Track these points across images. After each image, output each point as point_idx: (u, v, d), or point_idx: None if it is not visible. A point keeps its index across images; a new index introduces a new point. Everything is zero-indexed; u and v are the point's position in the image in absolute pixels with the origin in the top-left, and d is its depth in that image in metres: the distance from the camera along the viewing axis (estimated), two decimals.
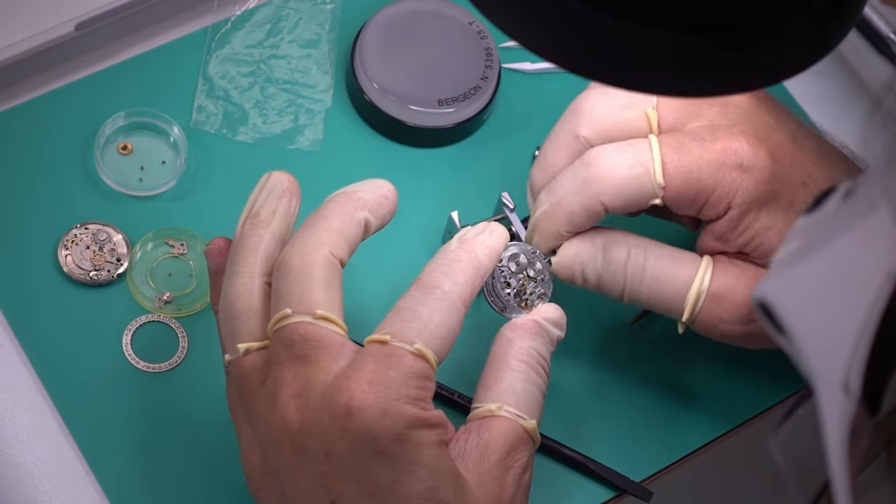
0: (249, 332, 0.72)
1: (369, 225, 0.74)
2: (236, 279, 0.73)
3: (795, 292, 0.49)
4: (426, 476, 0.69)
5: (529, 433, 0.73)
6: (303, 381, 0.70)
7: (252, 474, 0.72)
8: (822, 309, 0.49)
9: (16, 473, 0.80)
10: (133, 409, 0.82)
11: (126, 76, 0.91)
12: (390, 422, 0.68)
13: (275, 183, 0.75)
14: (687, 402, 0.86)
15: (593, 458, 0.83)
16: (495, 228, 0.75)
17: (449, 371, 0.84)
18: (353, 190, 0.75)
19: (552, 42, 0.59)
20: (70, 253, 0.85)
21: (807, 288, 0.49)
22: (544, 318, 0.77)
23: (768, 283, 0.50)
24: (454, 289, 0.72)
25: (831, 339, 0.48)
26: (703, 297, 0.78)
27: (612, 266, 0.79)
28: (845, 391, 0.47)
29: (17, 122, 0.88)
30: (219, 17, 0.93)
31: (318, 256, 0.71)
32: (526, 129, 0.93)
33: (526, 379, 0.74)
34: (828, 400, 0.48)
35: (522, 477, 0.73)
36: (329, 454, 0.68)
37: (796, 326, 0.49)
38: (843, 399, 0.47)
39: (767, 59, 0.58)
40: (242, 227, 0.74)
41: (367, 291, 0.85)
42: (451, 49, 0.91)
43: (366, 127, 0.91)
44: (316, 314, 0.70)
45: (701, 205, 0.78)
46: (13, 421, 0.81)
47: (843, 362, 0.47)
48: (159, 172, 0.88)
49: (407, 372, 0.69)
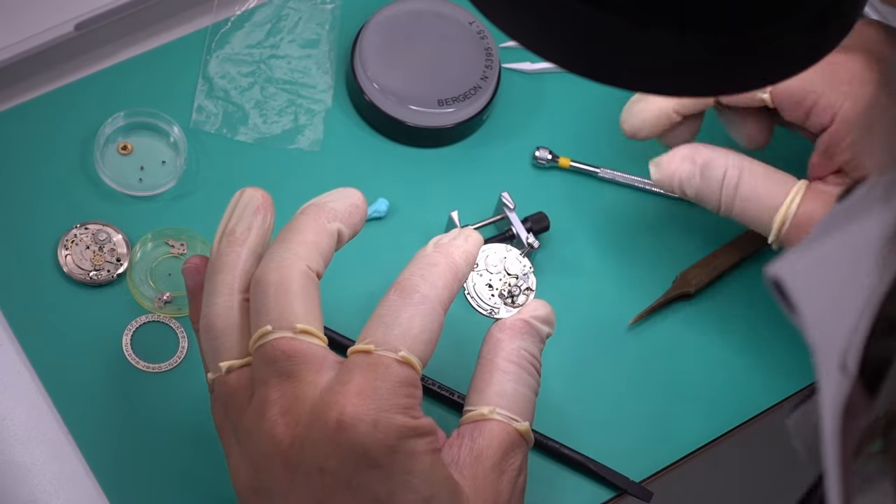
0: (231, 349, 0.72)
1: (342, 235, 0.74)
2: (216, 298, 0.72)
3: (805, 272, 0.50)
4: (421, 485, 0.68)
5: (522, 435, 0.73)
6: (290, 397, 0.69)
7: (243, 492, 0.71)
8: (827, 289, 0.50)
9: (16, 473, 0.80)
10: (133, 409, 0.82)
11: (126, 76, 0.91)
12: (382, 434, 0.67)
13: (248, 199, 0.74)
14: (687, 402, 0.86)
15: (593, 458, 0.83)
16: (470, 234, 0.75)
17: (451, 371, 0.84)
18: (324, 201, 0.74)
19: (552, 42, 0.59)
20: (70, 253, 0.85)
21: (815, 269, 0.50)
22: (533, 315, 0.76)
23: (781, 262, 0.51)
24: (433, 292, 0.71)
25: (833, 319, 0.49)
26: (788, 221, 0.81)
27: (709, 183, 0.82)
28: (842, 369, 0.48)
29: (17, 122, 0.88)
30: (219, 17, 0.93)
31: (294, 271, 0.71)
32: (526, 129, 0.93)
33: (517, 380, 0.74)
34: (826, 377, 0.49)
35: (517, 480, 0.73)
36: (322, 470, 0.68)
37: (803, 305, 0.50)
38: (840, 377, 0.48)
39: (768, 58, 0.58)
40: (219, 245, 0.74)
41: (366, 291, 0.85)
42: (451, 49, 0.91)
43: (366, 127, 0.91)
44: (296, 328, 0.70)
45: (808, 109, 0.81)
46: (13, 421, 0.81)
47: (842, 341, 0.48)
48: (159, 172, 0.88)
49: (394, 381, 0.69)
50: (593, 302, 0.88)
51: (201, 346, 0.74)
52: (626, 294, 0.88)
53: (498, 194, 0.87)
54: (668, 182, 0.84)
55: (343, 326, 0.84)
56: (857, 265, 0.49)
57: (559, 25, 0.58)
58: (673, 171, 0.83)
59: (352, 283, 0.86)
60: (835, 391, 0.48)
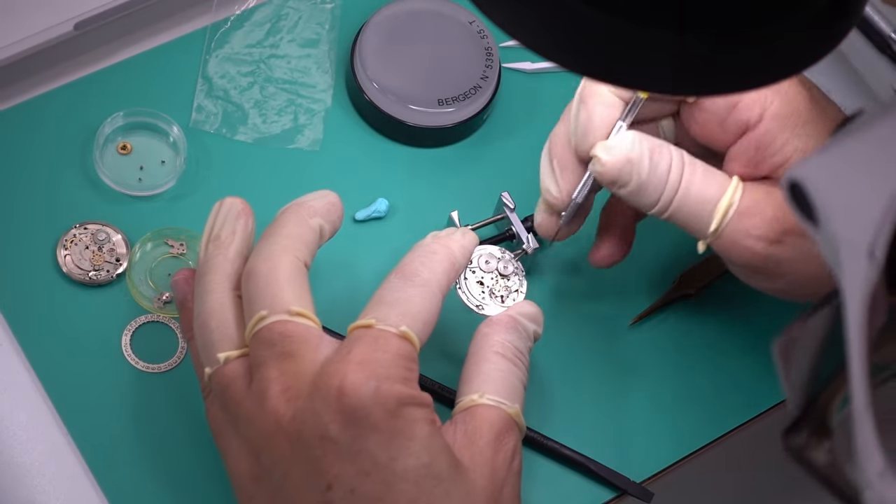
0: (227, 341, 0.74)
1: (323, 230, 0.77)
2: (208, 297, 0.74)
3: (828, 170, 0.50)
4: (421, 451, 0.69)
5: (514, 418, 0.75)
6: (290, 375, 0.71)
7: (242, 483, 0.72)
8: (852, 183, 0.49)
9: (15, 473, 0.80)
10: (132, 410, 0.82)
11: (125, 76, 0.91)
12: (383, 399, 0.69)
13: (229, 206, 0.77)
14: (687, 403, 0.86)
15: (594, 458, 0.83)
16: (466, 231, 0.78)
17: (438, 366, 0.84)
18: (303, 200, 0.77)
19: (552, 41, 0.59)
20: (69, 253, 0.85)
21: (838, 165, 0.50)
22: (519, 312, 0.78)
23: (802, 164, 0.50)
24: (433, 277, 0.74)
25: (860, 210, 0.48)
26: (733, 208, 0.77)
27: (656, 171, 0.77)
28: (870, 257, 0.47)
29: (15, 122, 0.88)
30: (218, 16, 0.93)
31: (282, 261, 0.73)
32: (526, 129, 0.93)
33: (504, 368, 0.76)
34: (852, 265, 0.48)
35: (512, 462, 0.74)
36: (323, 437, 0.69)
37: (827, 200, 0.49)
38: (868, 264, 0.47)
39: (768, 58, 0.58)
40: (206, 250, 0.76)
41: (366, 291, 0.85)
42: (451, 49, 0.91)
43: (366, 127, 0.91)
44: (291, 311, 0.72)
45: (733, 102, 0.77)
46: (12, 421, 0.81)
47: (871, 230, 0.48)
48: (159, 172, 0.88)
49: (395, 353, 0.71)
50: (593, 302, 0.88)
51: (197, 344, 0.75)
52: (627, 294, 0.88)
53: (498, 194, 0.87)
54: (619, 166, 0.77)
55: (342, 326, 0.83)
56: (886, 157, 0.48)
57: (559, 24, 0.58)
58: (626, 153, 0.77)
59: (352, 283, 0.86)
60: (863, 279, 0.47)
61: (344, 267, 0.85)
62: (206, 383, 0.75)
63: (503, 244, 0.86)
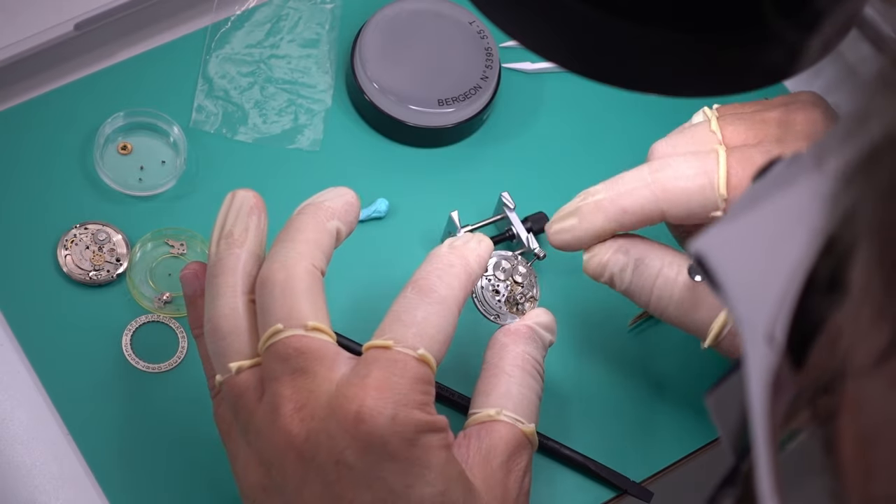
0: (239, 350, 0.72)
1: (340, 233, 0.74)
2: (220, 300, 0.72)
3: (728, 245, 0.49)
4: (437, 480, 0.69)
5: (528, 437, 0.74)
6: (304, 393, 0.69)
7: (252, 492, 0.71)
8: (753, 259, 0.48)
9: (16, 473, 0.80)
10: (133, 410, 0.82)
11: (126, 76, 0.91)
12: (400, 427, 0.68)
13: (241, 201, 0.74)
14: (687, 403, 0.86)
15: (594, 458, 0.83)
16: (482, 238, 0.75)
17: (452, 374, 0.84)
18: (320, 200, 0.74)
19: (552, 42, 0.59)
20: (70, 253, 0.85)
21: (740, 239, 0.49)
22: (536, 322, 0.77)
23: (704, 237, 0.49)
24: (450, 293, 0.72)
25: (760, 289, 0.47)
26: (728, 326, 0.77)
27: (642, 279, 0.78)
28: (769, 341, 0.47)
29: (16, 122, 0.88)
30: (218, 16, 0.93)
31: (300, 269, 0.71)
32: (526, 129, 0.93)
33: (522, 383, 0.75)
34: (752, 349, 0.47)
35: (523, 481, 0.73)
36: (339, 462, 0.68)
37: (728, 277, 0.48)
38: (767, 351, 0.47)
39: (767, 59, 0.58)
40: (217, 248, 0.73)
41: (366, 291, 0.85)
42: (451, 49, 0.91)
43: (366, 127, 0.91)
44: (307, 326, 0.70)
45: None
46: (13, 421, 0.81)
47: (771, 311, 0.47)
48: (159, 172, 0.88)
49: (412, 377, 0.69)
50: (593, 302, 0.88)
51: (207, 349, 0.73)
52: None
53: (498, 194, 0.87)
54: (599, 272, 0.79)
55: (342, 326, 0.83)
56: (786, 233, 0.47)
57: (559, 25, 0.58)
58: (606, 261, 0.78)
59: (352, 283, 0.86)
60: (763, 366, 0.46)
61: (344, 267, 0.85)
62: (215, 385, 0.74)
63: (503, 244, 0.86)
